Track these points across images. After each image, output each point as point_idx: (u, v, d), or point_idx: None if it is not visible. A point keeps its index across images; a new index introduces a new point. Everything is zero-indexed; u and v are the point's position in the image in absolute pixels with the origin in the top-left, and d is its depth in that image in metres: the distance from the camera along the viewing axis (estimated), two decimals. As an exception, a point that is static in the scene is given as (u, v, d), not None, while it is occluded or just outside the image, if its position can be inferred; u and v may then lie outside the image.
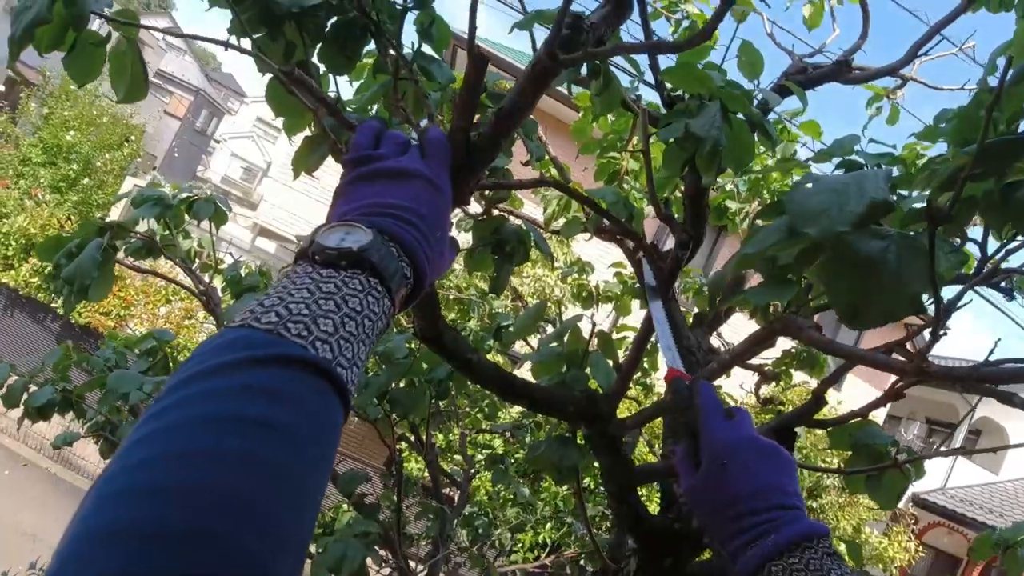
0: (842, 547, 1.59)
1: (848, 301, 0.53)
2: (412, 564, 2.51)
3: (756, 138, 1.43)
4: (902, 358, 1.00)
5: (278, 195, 14.09)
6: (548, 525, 5.80)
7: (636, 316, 1.97)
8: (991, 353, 0.95)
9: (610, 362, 1.43)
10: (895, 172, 1.17)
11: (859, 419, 1.37)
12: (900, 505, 13.51)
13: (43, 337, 10.14)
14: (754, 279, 0.96)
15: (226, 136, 32.34)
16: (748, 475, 0.74)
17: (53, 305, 9.90)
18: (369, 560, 1.66)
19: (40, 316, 10.26)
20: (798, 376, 2.75)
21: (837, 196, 0.53)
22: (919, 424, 16.07)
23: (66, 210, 12.82)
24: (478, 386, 1.81)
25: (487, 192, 1.23)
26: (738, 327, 2.80)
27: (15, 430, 8.73)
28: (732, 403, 2.83)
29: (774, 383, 2.53)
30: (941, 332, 0.69)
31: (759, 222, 0.94)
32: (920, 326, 0.76)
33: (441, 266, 0.72)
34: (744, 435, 0.77)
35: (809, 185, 0.54)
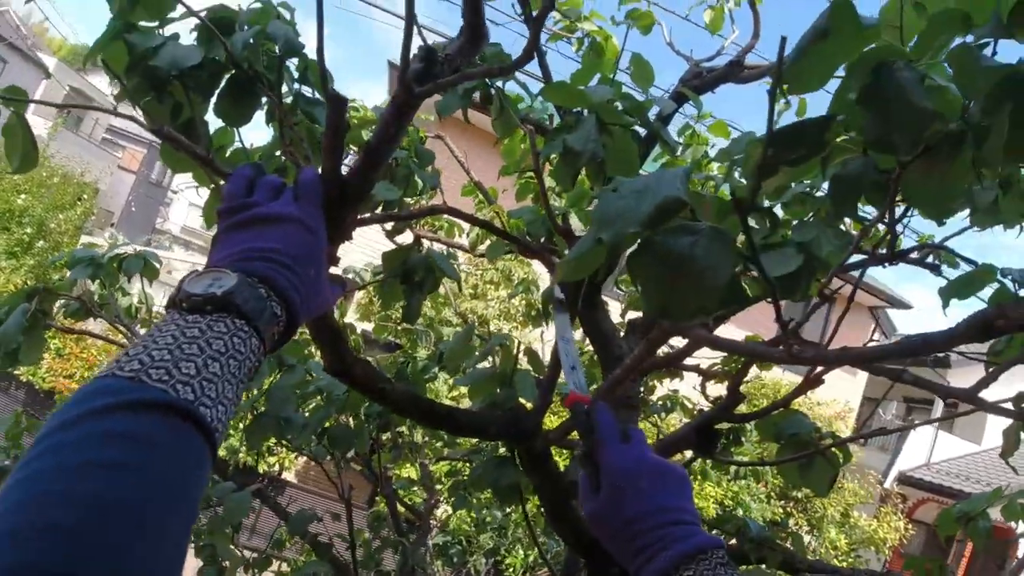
0: (788, 542, 1.61)
1: (658, 298, 0.54)
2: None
3: (657, 147, 1.46)
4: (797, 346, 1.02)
5: (239, 241, 13.91)
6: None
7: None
8: (874, 331, 0.99)
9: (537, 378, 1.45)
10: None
11: (782, 410, 1.39)
12: (886, 484, 13.59)
13: (8, 405, 9.92)
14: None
15: (183, 186, 31.93)
16: (643, 497, 0.75)
17: (16, 372, 9.68)
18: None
19: (4, 384, 10.06)
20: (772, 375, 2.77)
21: (636, 198, 0.54)
22: (896, 403, 16.26)
23: (23, 274, 12.58)
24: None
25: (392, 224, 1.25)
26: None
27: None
28: (689, 406, 2.86)
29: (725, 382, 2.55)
30: (792, 319, 0.71)
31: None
32: (803, 318, 0.78)
33: (319, 303, 0.74)
34: (639, 457, 0.78)
35: (614, 190, 0.56)
